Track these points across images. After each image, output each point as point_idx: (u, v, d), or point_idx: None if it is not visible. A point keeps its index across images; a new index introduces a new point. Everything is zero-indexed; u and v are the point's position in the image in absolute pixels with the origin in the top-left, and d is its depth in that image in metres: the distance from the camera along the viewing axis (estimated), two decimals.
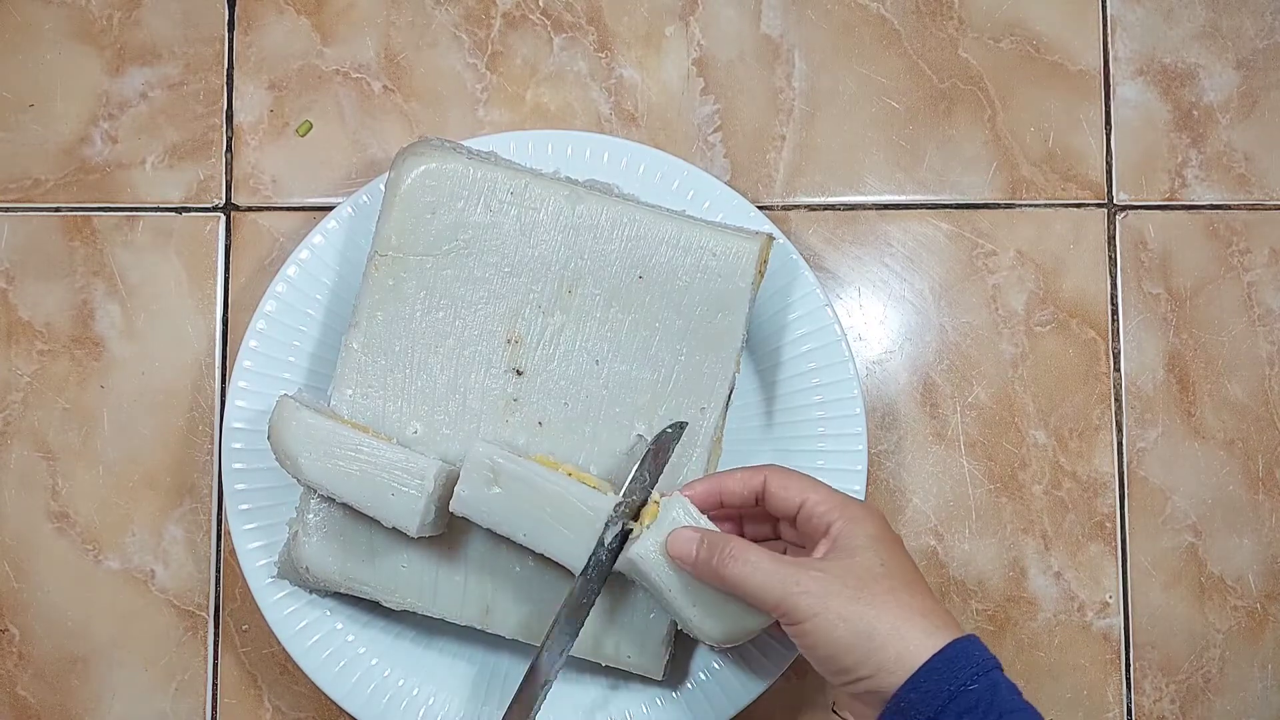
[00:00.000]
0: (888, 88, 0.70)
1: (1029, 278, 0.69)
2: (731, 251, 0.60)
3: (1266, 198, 0.69)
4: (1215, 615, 0.67)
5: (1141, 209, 0.69)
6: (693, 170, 0.65)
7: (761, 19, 0.70)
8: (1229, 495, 0.68)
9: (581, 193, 0.60)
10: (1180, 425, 0.68)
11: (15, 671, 0.66)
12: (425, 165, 0.59)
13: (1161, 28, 0.71)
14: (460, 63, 0.69)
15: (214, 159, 0.69)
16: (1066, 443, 0.68)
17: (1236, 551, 0.67)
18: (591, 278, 0.60)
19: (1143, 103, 0.70)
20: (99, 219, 0.68)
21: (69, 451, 0.67)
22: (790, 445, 0.63)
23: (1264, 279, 0.69)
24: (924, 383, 0.68)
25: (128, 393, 0.67)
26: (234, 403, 0.63)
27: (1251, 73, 0.70)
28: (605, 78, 0.69)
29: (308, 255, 0.64)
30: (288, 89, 0.69)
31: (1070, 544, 0.67)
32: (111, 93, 0.69)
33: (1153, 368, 0.68)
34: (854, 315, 0.68)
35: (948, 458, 0.67)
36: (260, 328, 0.63)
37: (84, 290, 0.68)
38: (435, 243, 0.59)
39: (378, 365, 0.59)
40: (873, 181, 0.69)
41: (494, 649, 0.63)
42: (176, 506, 0.66)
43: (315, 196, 0.68)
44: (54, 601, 0.66)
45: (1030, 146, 0.69)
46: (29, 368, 0.67)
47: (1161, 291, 0.69)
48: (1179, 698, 0.67)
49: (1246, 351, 0.68)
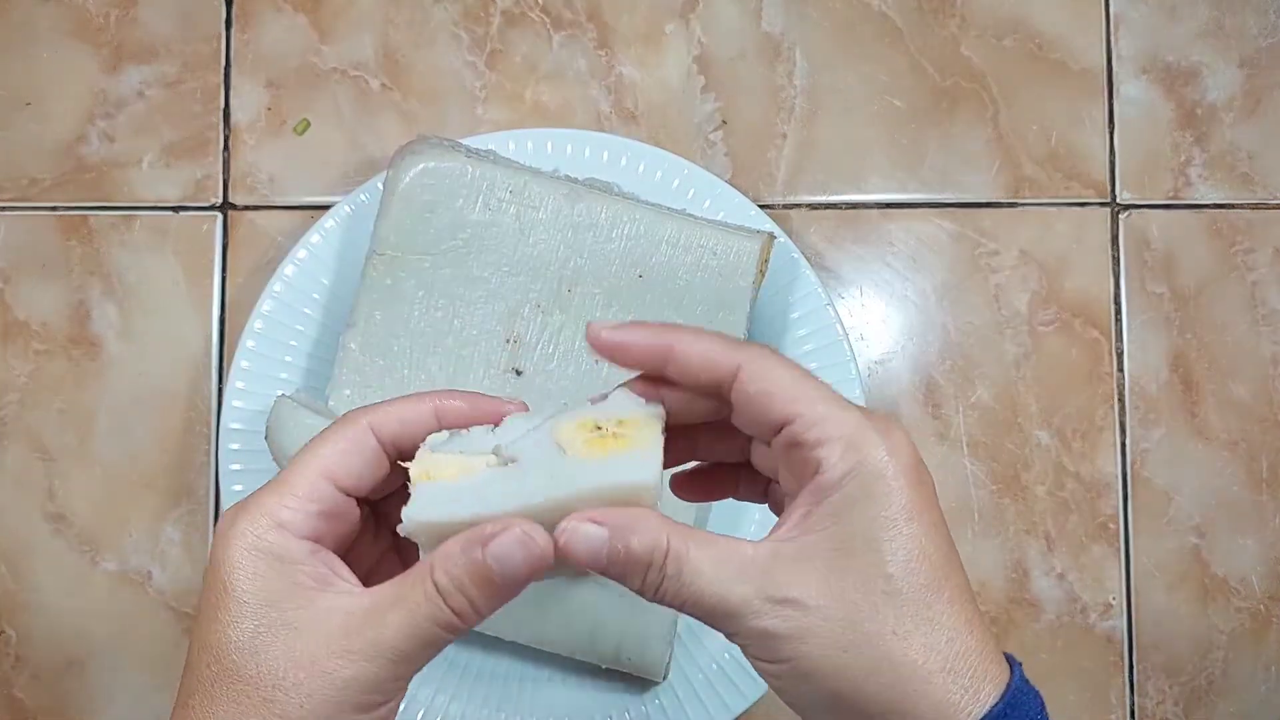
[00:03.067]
0: (890, 86, 0.69)
1: (1032, 277, 0.68)
2: (732, 250, 0.59)
3: (1270, 197, 0.69)
4: (1219, 617, 0.67)
5: (1145, 208, 0.69)
6: (693, 169, 0.64)
7: (762, 16, 0.70)
8: (1233, 496, 0.67)
9: (581, 191, 0.60)
10: (1184, 426, 0.68)
11: (11, 674, 0.65)
12: (424, 164, 0.59)
13: (1165, 26, 0.70)
14: (459, 61, 0.69)
15: (211, 158, 0.68)
16: (1070, 443, 0.67)
17: (1240, 553, 0.67)
18: (591, 277, 0.59)
19: (1146, 101, 0.70)
20: (95, 218, 0.68)
21: (66, 452, 0.66)
22: None
23: (1268, 279, 0.68)
24: (926, 383, 0.68)
25: (124, 393, 0.67)
26: (231, 403, 0.62)
27: (1255, 71, 0.70)
28: (605, 75, 0.69)
29: (305, 255, 0.63)
30: (285, 87, 0.69)
31: (1073, 545, 0.67)
32: (108, 91, 0.69)
33: (1156, 368, 0.68)
34: (856, 315, 0.68)
35: (950, 458, 0.67)
36: (258, 328, 0.63)
37: (80, 290, 0.67)
38: (434, 242, 0.59)
39: (376, 365, 0.59)
40: (875, 180, 0.69)
41: (494, 650, 0.63)
42: (174, 508, 0.66)
43: (313, 195, 0.68)
44: (51, 603, 0.66)
45: (1033, 145, 0.69)
46: (25, 368, 0.67)
47: (1165, 291, 0.68)
48: (1182, 699, 0.66)
49: (1250, 351, 0.68)
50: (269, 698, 0.32)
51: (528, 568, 0.32)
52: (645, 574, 0.32)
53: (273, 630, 0.32)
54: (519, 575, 0.32)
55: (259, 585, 0.33)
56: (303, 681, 0.32)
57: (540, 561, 0.32)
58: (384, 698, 0.33)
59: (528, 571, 0.32)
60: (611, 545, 0.32)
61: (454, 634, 0.33)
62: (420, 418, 0.36)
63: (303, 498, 0.34)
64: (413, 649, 0.32)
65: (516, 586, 0.32)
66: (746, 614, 0.32)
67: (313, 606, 0.33)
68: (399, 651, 0.32)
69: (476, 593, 0.32)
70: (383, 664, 0.32)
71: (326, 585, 0.33)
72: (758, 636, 0.32)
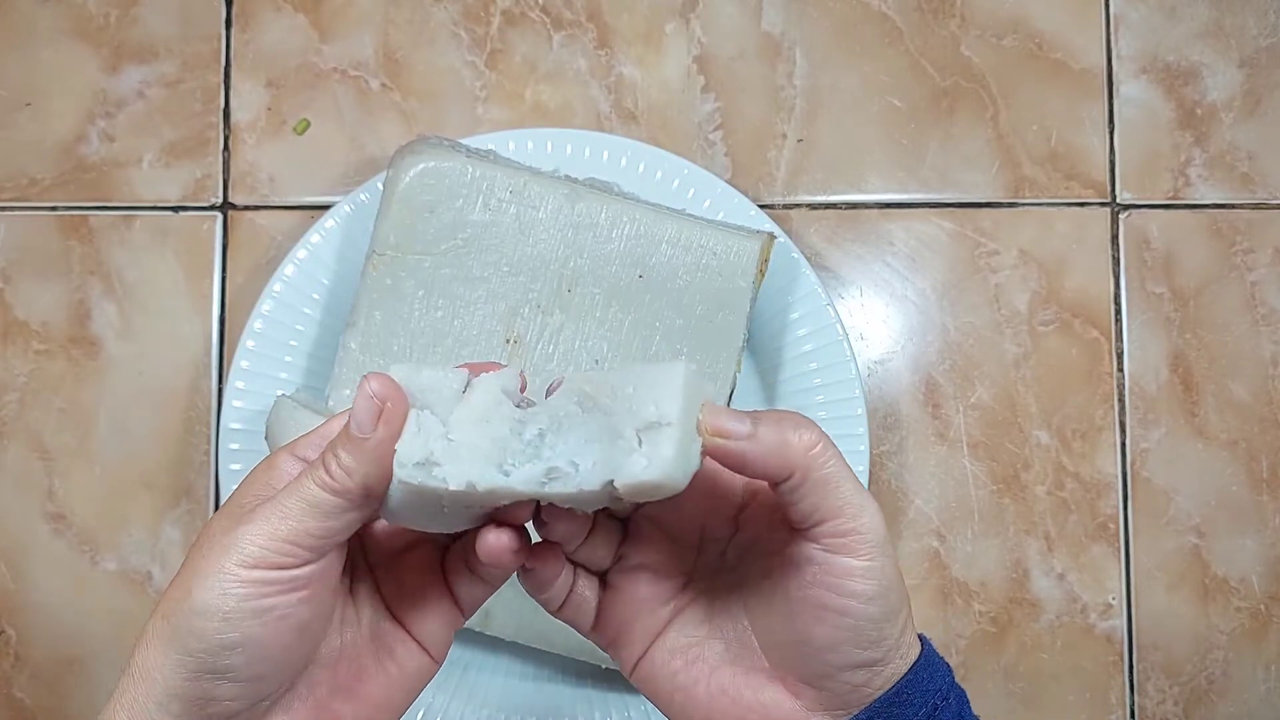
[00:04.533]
0: (889, 86, 0.69)
1: (1032, 277, 0.68)
2: (732, 250, 0.59)
3: (1270, 197, 0.69)
4: (1218, 617, 0.67)
5: (1145, 208, 0.69)
6: (693, 168, 0.64)
7: (762, 16, 0.70)
8: (1232, 496, 0.67)
9: (581, 191, 0.60)
10: (1183, 425, 0.68)
11: (11, 673, 0.65)
12: (424, 163, 0.59)
13: (1164, 26, 0.70)
14: (459, 60, 0.69)
15: (211, 157, 0.68)
16: (1069, 443, 0.67)
17: (1240, 553, 0.67)
18: (591, 276, 0.59)
19: (1146, 101, 0.70)
20: (95, 218, 0.68)
21: (65, 452, 0.66)
22: None
23: (1267, 278, 0.68)
24: (926, 383, 0.68)
25: (124, 393, 0.67)
26: (231, 403, 0.62)
27: (1255, 71, 0.70)
28: (605, 75, 0.69)
29: (305, 254, 0.63)
30: (285, 87, 0.69)
31: (1073, 545, 0.67)
32: (108, 91, 0.69)
33: (1156, 368, 0.68)
34: (856, 315, 0.68)
35: (950, 458, 0.67)
36: (257, 327, 0.63)
37: (80, 290, 0.67)
38: (434, 241, 0.59)
39: (375, 365, 0.59)
40: (874, 180, 0.69)
41: (494, 651, 0.63)
42: (174, 507, 0.66)
43: (313, 195, 0.68)
44: (50, 603, 0.66)
45: (1033, 145, 0.69)
46: (25, 367, 0.67)
47: (1165, 291, 0.68)
48: (1182, 699, 0.66)
49: (1250, 351, 0.68)
50: (193, 608, 0.33)
51: (373, 413, 0.33)
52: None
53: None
54: (368, 423, 0.34)
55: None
56: (210, 571, 0.33)
57: (394, 418, 0.34)
58: (296, 560, 0.34)
59: (375, 417, 0.33)
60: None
61: (340, 497, 0.34)
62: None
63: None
64: (302, 509, 0.34)
65: (376, 449, 0.33)
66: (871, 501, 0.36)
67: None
68: (288, 510, 0.34)
69: (343, 451, 0.34)
70: (276, 526, 0.33)
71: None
72: (876, 523, 0.36)
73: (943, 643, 0.66)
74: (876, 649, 0.36)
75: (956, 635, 0.66)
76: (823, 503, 0.35)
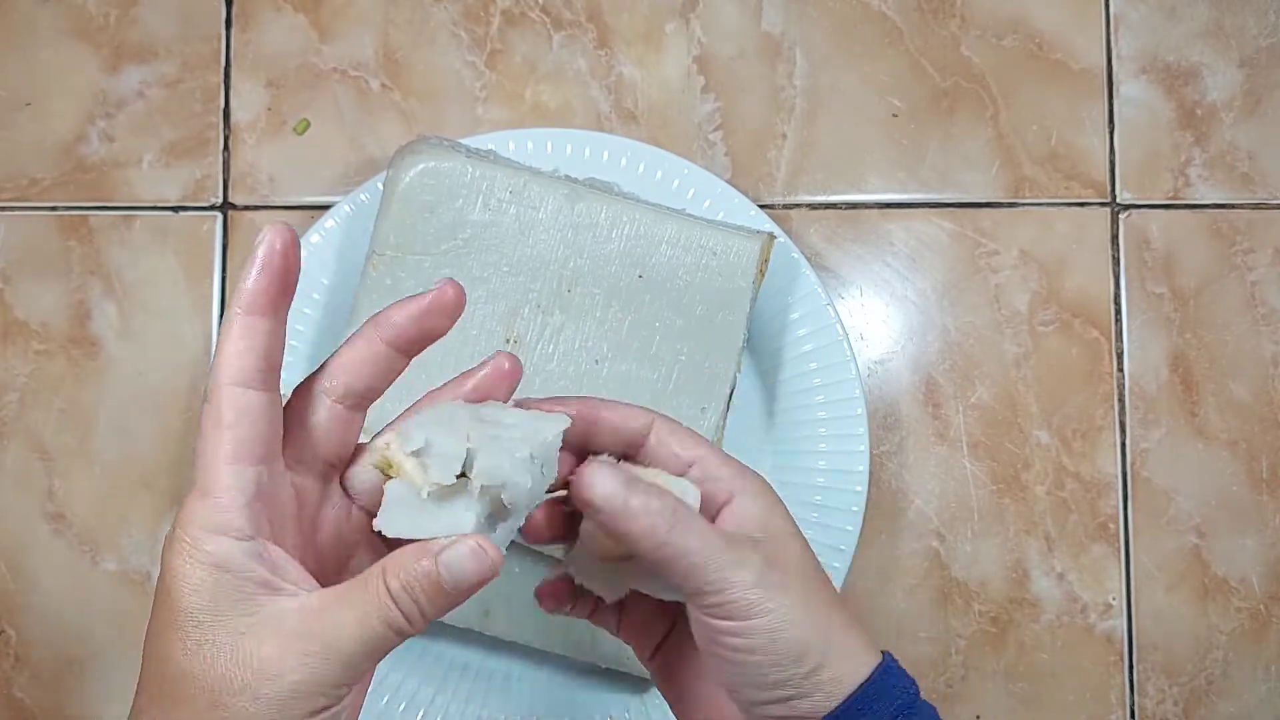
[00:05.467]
0: (890, 86, 0.69)
1: (1032, 277, 0.68)
2: (732, 250, 0.59)
3: (1270, 197, 0.69)
4: (1219, 617, 0.67)
5: (1145, 208, 0.69)
6: (693, 169, 0.64)
7: (762, 16, 0.70)
8: (1233, 496, 0.67)
9: (581, 191, 0.60)
10: (1184, 425, 0.68)
11: (11, 673, 0.65)
12: (424, 164, 0.59)
13: (1164, 26, 0.70)
14: (459, 60, 0.69)
15: (211, 158, 0.68)
16: (1070, 443, 0.67)
17: (1240, 553, 0.67)
18: (591, 277, 0.59)
19: (1146, 101, 0.70)
20: (95, 218, 0.68)
21: (65, 452, 0.66)
22: (792, 446, 0.63)
23: (1268, 279, 0.68)
24: (926, 383, 0.68)
25: (124, 393, 0.67)
26: None
27: (1255, 71, 0.70)
28: (605, 75, 0.69)
29: (305, 255, 0.63)
30: (285, 87, 0.69)
31: (1073, 545, 0.67)
32: (108, 91, 0.68)
33: (1156, 368, 0.68)
34: (856, 315, 0.68)
35: (950, 458, 0.67)
36: None
37: (80, 290, 0.67)
38: (434, 241, 0.59)
39: None
40: (874, 180, 0.69)
41: (493, 650, 0.63)
42: (174, 507, 0.66)
43: (313, 195, 0.68)
44: (50, 603, 0.66)
45: (1033, 145, 0.69)
46: (25, 368, 0.67)
47: (1165, 291, 0.68)
48: (1182, 700, 0.66)
49: (1250, 351, 0.68)
50: (217, 702, 0.32)
51: (478, 578, 0.33)
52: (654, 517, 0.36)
53: (219, 639, 0.32)
54: (469, 585, 0.33)
55: (203, 597, 0.33)
56: (250, 684, 0.32)
57: (491, 572, 0.33)
58: (329, 701, 0.33)
59: (478, 581, 0.33)
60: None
61: (401, 637, 0.33)
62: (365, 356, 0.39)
63: (226, 496, 0.33)
64: (360, 650, 0.33)
65: (466, 595, 0.33)
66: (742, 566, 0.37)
67: (260, 613, 0.33)
68: (347, 652, 0.33)
69: (425, 599, 0.33)
70: (331, 665, 0.32)
71: (273, 590, 0.33)
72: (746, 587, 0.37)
73: (943, 643, 0.66)
74: (782, 689, 0.37)
75: (956, 635, 0.66)
76: (684, 582, 0.36)
